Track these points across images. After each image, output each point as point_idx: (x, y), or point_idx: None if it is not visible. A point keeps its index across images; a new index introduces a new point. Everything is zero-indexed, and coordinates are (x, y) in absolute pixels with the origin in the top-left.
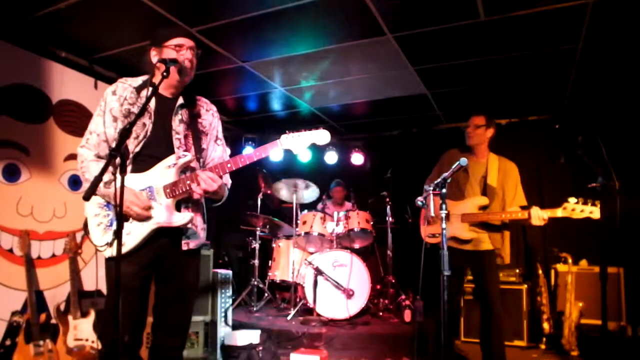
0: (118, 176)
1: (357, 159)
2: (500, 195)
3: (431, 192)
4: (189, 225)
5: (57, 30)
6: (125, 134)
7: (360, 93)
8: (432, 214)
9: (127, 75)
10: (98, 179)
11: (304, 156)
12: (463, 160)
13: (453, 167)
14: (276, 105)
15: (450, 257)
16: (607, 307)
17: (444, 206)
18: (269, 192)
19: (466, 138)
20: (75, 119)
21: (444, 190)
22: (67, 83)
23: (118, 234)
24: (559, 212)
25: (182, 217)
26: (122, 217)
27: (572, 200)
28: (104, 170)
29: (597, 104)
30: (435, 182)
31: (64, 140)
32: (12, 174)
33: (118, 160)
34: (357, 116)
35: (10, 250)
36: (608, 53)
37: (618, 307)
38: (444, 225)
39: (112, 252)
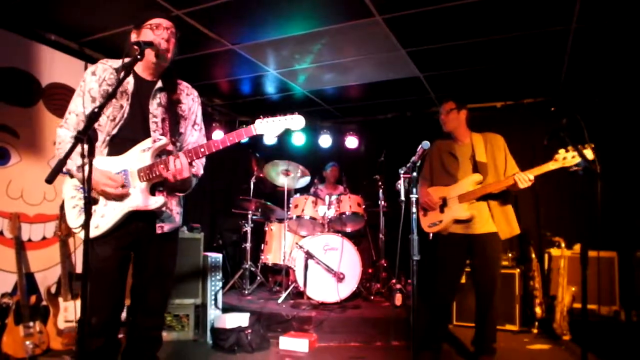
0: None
1: (351, 142)
2: (492, 168)
3: (402, 174)
4: (164, 209)
5: (46, 13)
6: (93, 117)
7: (353, 76)
8: (402, 197)
9: (118, 58)
10: (62, 163)
11: (298, 140)
12: (425, 144)
13: (417, 150)
14: (270, 88)
15: (452, 243)
16: (595, 292)
17: (414, 190)
18: (261, 175)
19: (442, 126)
20: (65, 102)
21: (414, 174)
22: (56, 66)
23: (86, 218)
24: (551, 165)
25: (155, 201)
26: (90, 202)
27: (562, 150)
28: (68, 154)
29: (592, 86)
30: (407, 165)
31: (53, 123)
32: (1, 157)
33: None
34: (351, 99)
35: (1, 233)
36: (601, 34)
37: (612, 292)
38: (414, 210)
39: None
